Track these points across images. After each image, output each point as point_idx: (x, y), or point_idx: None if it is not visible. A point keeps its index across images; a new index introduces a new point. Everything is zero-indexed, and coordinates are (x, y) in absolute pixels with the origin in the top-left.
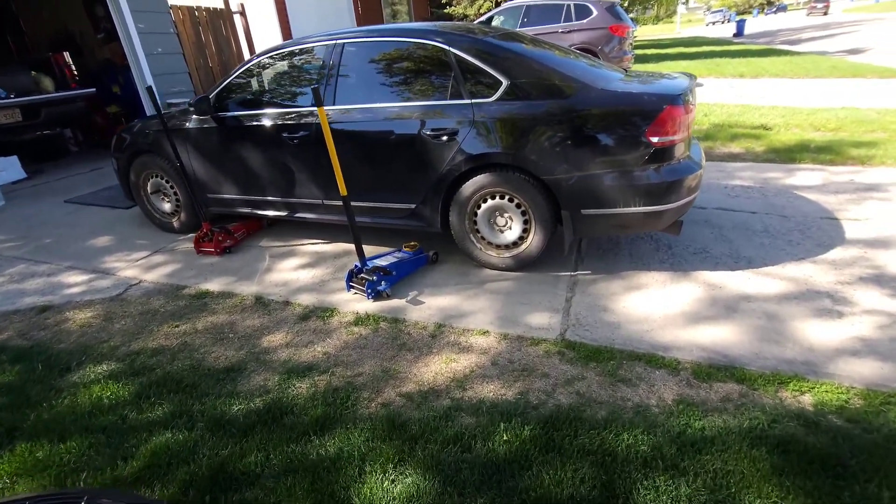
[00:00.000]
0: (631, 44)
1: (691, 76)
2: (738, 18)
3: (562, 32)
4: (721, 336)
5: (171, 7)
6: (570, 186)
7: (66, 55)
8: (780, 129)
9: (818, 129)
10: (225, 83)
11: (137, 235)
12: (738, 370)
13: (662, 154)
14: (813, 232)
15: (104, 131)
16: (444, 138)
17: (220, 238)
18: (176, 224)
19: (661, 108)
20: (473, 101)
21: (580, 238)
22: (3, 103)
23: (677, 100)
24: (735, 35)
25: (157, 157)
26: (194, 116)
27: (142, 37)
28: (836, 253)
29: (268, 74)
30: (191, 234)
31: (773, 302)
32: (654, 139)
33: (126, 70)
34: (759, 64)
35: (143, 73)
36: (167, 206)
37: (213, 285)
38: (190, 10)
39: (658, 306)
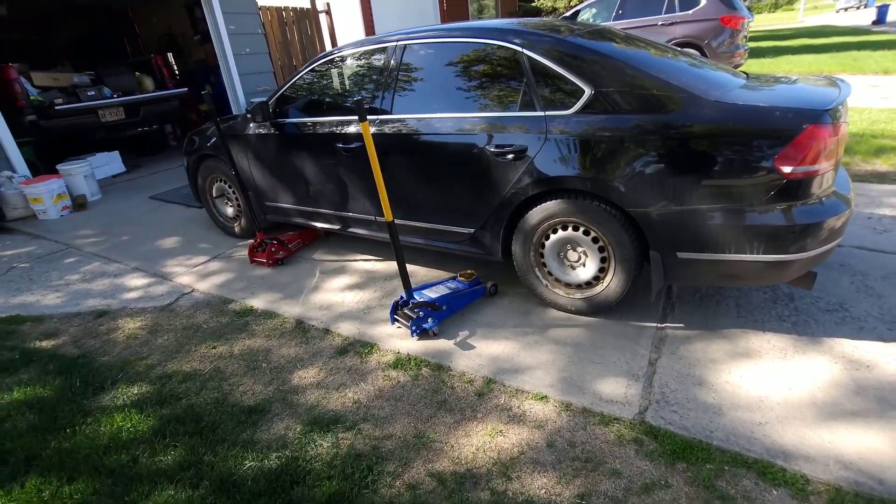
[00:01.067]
0: (745, 37)
1: (842, 82)
2: (878, 3)
3: (662, 25)
4: (872, 447)
5: (261, 8)
6: (664, 222)
7: (168, 56)
8: None
9: None
10: (283, 89)
11: (202, 238)
12: None
13: (797, 188)
14: None
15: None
16: (510, 156)
17: (272, 249)
18: (237, 229)
19: (800, 128)
20: (547, 112)
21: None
22: (109, 102)
23: (823, 117)
24: (875, 22)
25: (220, 161)
26: (252, 123)
27: (231, 38)
28: None
29: (325, 80)
30: (250, 240)
31: None
32: (787, 168)
33: (217, 70)
34: None
35: (231, 73)
36: (230, 211)
37: (259, 301)
38: (278, 10)
39: (776, 387)
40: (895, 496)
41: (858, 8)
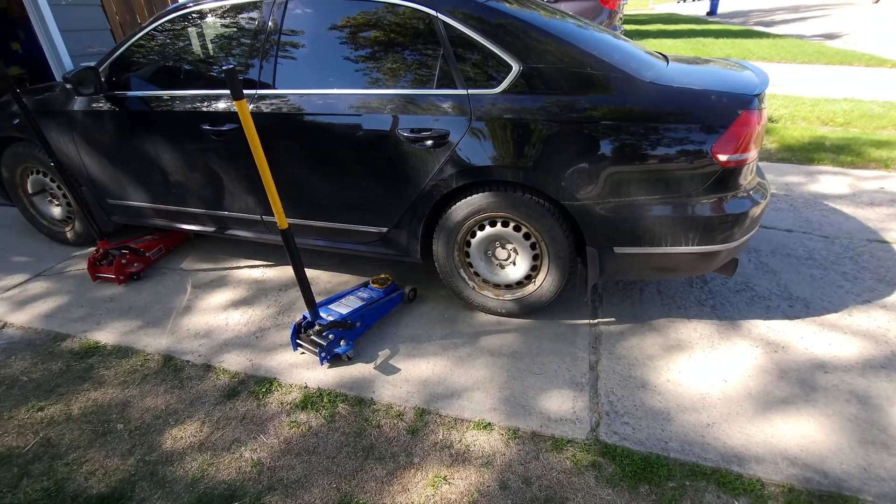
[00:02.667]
0: (621, 18)
1: (751, 66)
2: None
3: (546, 2)
4: (808, 435)
5: None
6: (601, 216)
7: None
8: (787, 121)
9: (826, 122)
10: (119, 51)
11: (18, 248)
12: (851, 501)
13: (730, 177)
14: (866, 260)
15: None
16: (429, 143)
17: (123, 261)
18: (69, 235)
19: (735, 113)
20: (471, 91)
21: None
22: None
23: (754, 103)
24: (708, 13)
25: (34, 147)
26: (79, 96)
27: None
28: None
29: (179, 41)
30: (90, 248)
31: (857, 373)
32: (723, 157)
33: (26, 23)
34: (744, 45)
35: (49, 28)
36: (57, 212)
37: (108, 334)
38: None
39: (713, 380)
40: (841, 488)
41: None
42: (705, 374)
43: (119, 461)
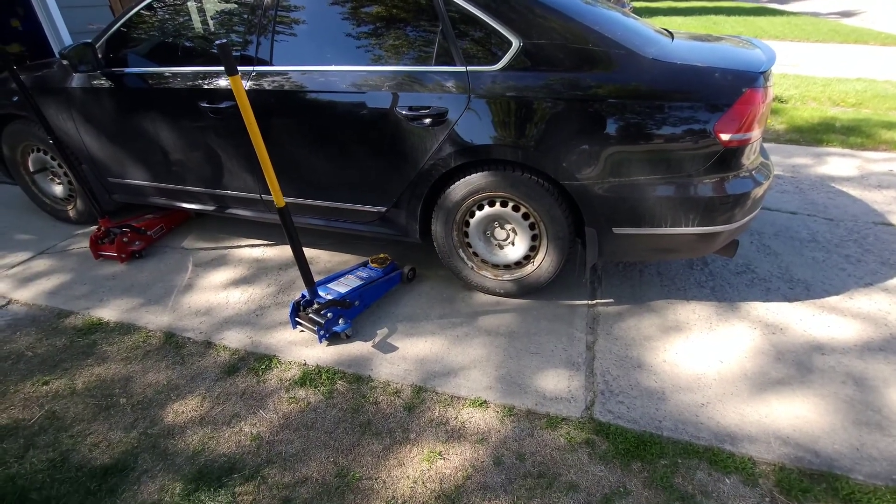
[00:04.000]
0: None
1: (760, 43)
2: None
3: None
4: (802, 415)
5: None
6: (601, 196)
7: None
8: (797, 101)
9: (837, 103)
10: (115, 27)
11: (21, 226)
12: (841, 480)
13: (733, 157)
14: (870, 243)
15: None
16: (428, 121)
17: (124, 239)
18: (72, 213)
19: (739, 91)
20: (469, 68)
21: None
22: None
23: (759, 80)
24: None
25: (34, 124)
26: (76, 73)
27: None
28: None
29: (177, 17)
30: (92, 227)
31: (854, 355)
32: (725, 136)
33: (26, 0)
34: (757, 23)
35: (47, 4)
36: (59, 190)
37: (110, 311)
38: None
39: (709, 361)
40: (832, 468)
41: None
42: (702, 355)
43: (122, 434)
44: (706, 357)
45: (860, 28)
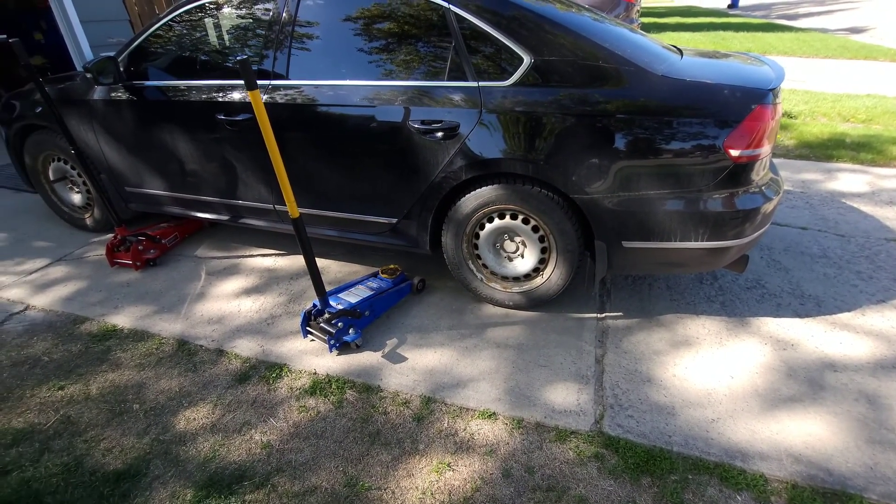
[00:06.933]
0: (638, 11)
1: (770, 61)
2: None
3: None
4: (814, 433)
5: None
6: (611, 210)
7: None
8: (806, 117)
9: (847, 119)
10: (137, 41)
11: (40, 234)
12: (855, 499)
13: (742, 172)
14: (882, 259)
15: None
16: (440, 135)
17: (140, 247)
18: (89, 221)
19: (749, 108)
20: (482, 84)
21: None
22: None
23: (768, 97)
24: (730, 6)
25: (55, 135)
26: (98, 85)
27: None
28: None
29: (196, 32)
30: (109, 235)
31: (867, 373)
32: (735, 152)
33: (48, 13)
34: (765, 39)
35: (69, 18)
36: (77, 199)
37: (124, 318)
38: None
39: (719, 377)
40: (845, 486)
41: None
42: (712, 370)
43: (135, 440)
44: (716, 372)
45: (869, 44)
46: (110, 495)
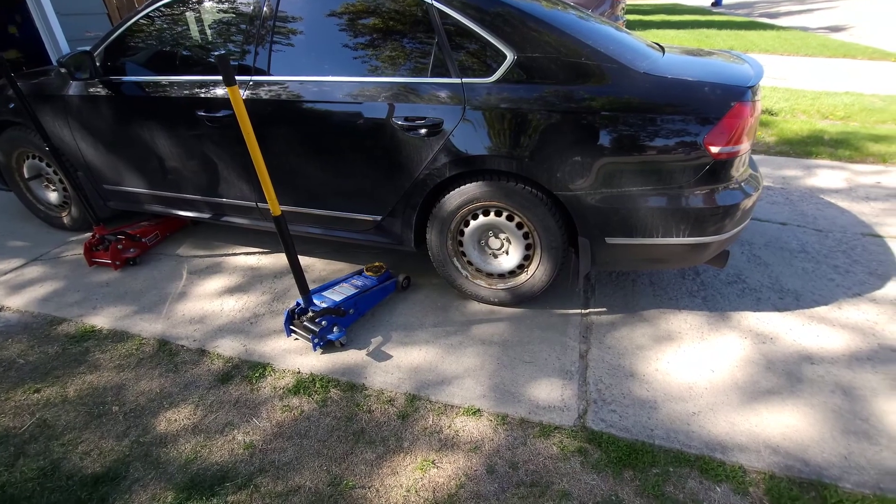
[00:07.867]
0: (623, 8)
1: (749, 59)
2: None
3: None
4: (791, 425)
5: None
6: (594, 207)
7: None
8: (787, 114)
9: (826, 116)
10: (114, 36)
11: (14, 233)
12: (830, 489)
13: (722, 169)
14: (859, 254)
15: None
16: (423, 131)
17: (119, 246)
18: (66, 220)
19: (728, 105)
20: (465, 80)
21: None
22: None
23: (747, 94)
24: (713, 5)
25: (29, 131)
26: (73, 80)
27: None
28: (894, 286)
29: (175, 26)
30: (87, 234)
31: (843, 365)
32: (715, 149)
33: (23, 6)
34: (747, 37)
35: (44, 11)
36: (53, 197)
37: (103, 318)
38: None
39: (700, 370)
40: (821, 476)
41: None
42: (693, 364)
43: (114, 442)
44: (697, 366)
45: (848, 43)
46: (88, 499)
